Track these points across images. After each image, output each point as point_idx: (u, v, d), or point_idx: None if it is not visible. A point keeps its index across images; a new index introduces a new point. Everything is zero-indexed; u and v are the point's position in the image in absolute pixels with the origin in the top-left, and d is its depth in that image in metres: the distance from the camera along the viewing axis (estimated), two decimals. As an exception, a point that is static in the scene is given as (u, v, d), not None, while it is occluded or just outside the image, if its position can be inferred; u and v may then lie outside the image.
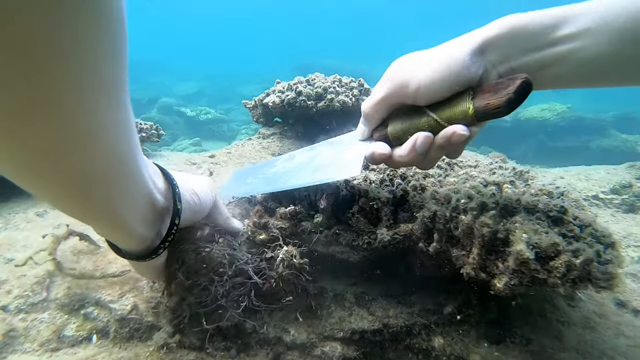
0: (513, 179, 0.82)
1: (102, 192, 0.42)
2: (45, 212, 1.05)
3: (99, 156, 0.37)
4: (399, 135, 0.60)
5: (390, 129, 0.61)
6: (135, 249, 0.54)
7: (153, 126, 1.71)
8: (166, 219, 0.55)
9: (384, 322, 0.74)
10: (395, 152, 0.60)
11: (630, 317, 0.85)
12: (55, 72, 0.28)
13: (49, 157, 0.34)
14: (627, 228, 1.41)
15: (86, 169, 0.38)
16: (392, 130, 0.60)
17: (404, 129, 0.59)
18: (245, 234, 0.75)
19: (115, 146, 0.39)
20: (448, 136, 0.53)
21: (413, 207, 0.73)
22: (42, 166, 0.35)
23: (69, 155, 0.35)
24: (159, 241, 0.55)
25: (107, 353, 0.68)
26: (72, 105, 0.31)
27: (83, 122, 0.33)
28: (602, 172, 2.01)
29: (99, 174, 0.39)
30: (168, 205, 0.55)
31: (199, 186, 0.64)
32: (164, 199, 0.54)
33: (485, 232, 0.60)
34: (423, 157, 0.57)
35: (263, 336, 0.72)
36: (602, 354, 0.72)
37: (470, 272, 0.63)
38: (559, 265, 0.56)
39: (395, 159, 0.60)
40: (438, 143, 0.55)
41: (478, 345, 0.72)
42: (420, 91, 0.54)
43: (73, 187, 0.39)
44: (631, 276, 1.03)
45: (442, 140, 0.54)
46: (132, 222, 0.49)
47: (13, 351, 0.67)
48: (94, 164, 0.38)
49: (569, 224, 0.64)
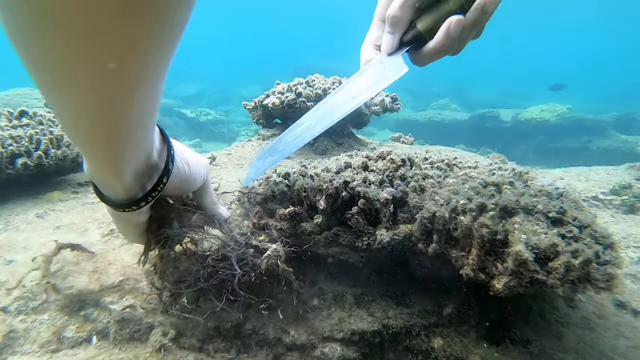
0: (512, 180, 0.82)
1: (125, 131, 0.45)
2: (46, 213, 1.05)
3: (146, 99, 0.43)
4: (431, 28, 0.59)
5: (421, 24, 0.60)
6: (118, 197, 0.56)
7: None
8: (154, 176, 0.57)
9: (383, 323, 0.74)
10: (428, 46, 0.60)
11: (630, 318, 0.85)
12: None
13: (121, 88, 0.38)
14: (627, 229, 1.41)
15: (132, 106, 0.42)
16: (424, 25, 0.59)
17: (436, 19, 0.58)
18: (238, 226, 0.75)
19: (156, 96, 0.44)
20: (482, 3, 0.54)
21: (412, 208, 0.73)
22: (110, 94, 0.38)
23: (133, 89, 0.40)
24: (141, 194, 0.56)
25: (107, 354, 0.68)
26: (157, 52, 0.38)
27: (156, 66, 0.40)
28: (602, 173, 2.01)
29: (134, 114, 0.44)
30: (159, 163, 0.57)
31: (193, 159, 0.66)
32: (157, 157, 0.56)
33: (484, 233, 0.61)
34: (457, 41, 0.58)
35: (263, 337, 0.72)
36: (602, 355, 0.72)
37: (470, 273, 0.63)
38: (558, 266, 0.56)
39: (431, 51, 0.60)
40: (472, 19, 0.55)
41: (477, 346, 0.72)
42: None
43: (109, 117, 0.42)
44: (631, 277, 1.03)
45: (477, 13, 0.55)
46: (126, 169, 0.51)
47: (13, 352, 0.67)
48: (139, 104, 0.43)
49: (568, 224, 0.64)
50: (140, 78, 0.39)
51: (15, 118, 1.26)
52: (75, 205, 1.12)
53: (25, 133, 1.17)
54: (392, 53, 0.62)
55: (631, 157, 5.29)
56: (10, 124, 1.21)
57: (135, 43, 0.34)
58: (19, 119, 1.26)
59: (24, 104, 3.09)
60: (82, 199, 1.17)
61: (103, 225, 0.96)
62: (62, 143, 1.22)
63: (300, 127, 0.71)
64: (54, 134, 1.22)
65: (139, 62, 0.37)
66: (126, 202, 0.56)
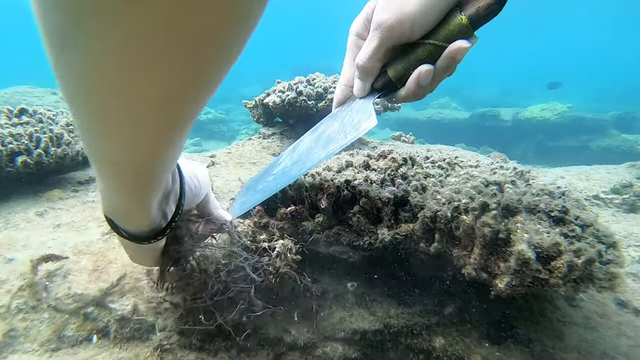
0: (514, 179, 0.82)
1: (166, 160, 0.42)
2: (45, 211, 1.05)
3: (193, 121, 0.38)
4: (401, 76, 0.59)
5: (392, 72, 0.60)
6: (142, 230, 0.53)
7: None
8: (170, 201, 0.54)
9: (384, 322, 0.74)
10: (400, 93, 0.60)
11: (632, 317, 0.85)
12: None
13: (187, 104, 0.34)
14: (628, 228, 1.41)
15: (183, 133, 0.38)
16: (394, 73, 0.60)
17: (406, 67, 0.58)
18: (239, 230, 0.75)
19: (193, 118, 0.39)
20: (452, 53, 0.53)
21: (414, 207, 0.73)
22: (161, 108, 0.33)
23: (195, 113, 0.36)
24: (164, 222, 0.54)
25: (107, 353, 0.68)
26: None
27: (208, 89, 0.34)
28: (603, 171, 2.01)
29: (180, 140, 0.40)
30: (174, 185, 0.55)
31: (199, 171, 0.64)
32: (171, 180, 0.54)
33: (486, 232, 0.60)
34: (428, 88, 0.58)
35: (264, 336, 0.72)
36: (604, 354, 0.71)
37: (472, 272, 0.63)
38: (561, 266, 0.56)
39: (404, 98, 0.61)
40: (442, 65, 0.55)
41: (479, 346, 0.72)
42: (417, 25, 0.53)
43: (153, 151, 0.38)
44: (632, 276, 1.03)
45: (447, 61, 0.54)
46: (153, 200, 0.48)
47: (13, 351, 0.67)
48: (185, 131, 0.38)
49: (571, 224, 0.64)
50: (205, 99, 0.35)
51: (15, 116, 1.26)
52: (75, 204, 1.11)
53: (25, 131, 1.16)
54: (363, 97, 0.64)
55: (632, 156, 5.28)
56: (10, 122, 1.21)
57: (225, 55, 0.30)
58: (19, 117, 1.26)
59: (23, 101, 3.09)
60: (82, 198, 1.16)
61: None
62: (62, 141, 1.22)
63: (279, 167, 0.75)
64: (54, 132, 1.22)
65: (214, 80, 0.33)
66: (151, 234, 0.54)
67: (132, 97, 0.30)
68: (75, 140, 1.27)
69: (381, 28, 0.55)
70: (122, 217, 0.52)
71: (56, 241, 0.88)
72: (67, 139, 1.23)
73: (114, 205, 0.49)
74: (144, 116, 0.32)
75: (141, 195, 0.46)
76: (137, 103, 0.30)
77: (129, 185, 0.44)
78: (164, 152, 0.39)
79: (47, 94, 3.44)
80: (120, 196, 0.47)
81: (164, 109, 0.32)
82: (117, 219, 0.53)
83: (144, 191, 0.46)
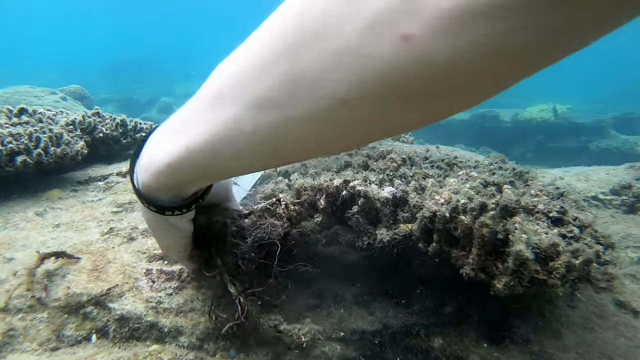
0: (513, 180, 0.82)
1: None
2: (45, 211, 1.05)
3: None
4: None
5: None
6: (179, 199, 0.52)
7: (153, 125, 1.71)
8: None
9: (383, 322, 0.74)
10: None
11: (630, 318, 0.85)
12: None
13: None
14: (627, 229, 1.41)
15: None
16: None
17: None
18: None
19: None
20: None
21: (413, 207, 0.73)
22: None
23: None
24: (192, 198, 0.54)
25: (106, 352, 0.68)
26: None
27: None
28: (602, 172, 2.01)
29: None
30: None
31: None
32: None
33: (484, 233, 0.60)
34: None
35: (262, 336, 0.72)
36: (602, 355, 0.72)
37: (470, 273, 0.63)
38: (559, 266, 0.56)
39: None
40: None
41: (477, 346, 0.72)
42: None
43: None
44: (630, 277, 1.03)
45: None
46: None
47: (12, 350, 0.67)
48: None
49: (569, 224, 0.64)
50: None
51: (14, 116, 1.26)
52: (74, 204, 1.11)
53: (24, 131, 1.16)
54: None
55: (631, 157, 5.28)
56: (9, 122, 1.21)
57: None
58: (19, 116, 1.26)
59: (23, 101, 3.09)
60: (82, 197, 1.16)
61: (102, 224, 0.96)
62: (61, 141, 1.22)
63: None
64: (54, 131, 1.22)
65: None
66: (182, 204, 0.52)
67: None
68: (75, 140, 1.27)
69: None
70: (164, 192, 0.50)
71: (55, 241, 0.88)
72: (66, 138, 1.23)
73: (165, 184, 0.47)
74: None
75: (204, 177, 0.47)
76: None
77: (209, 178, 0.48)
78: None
79: (47, 94, 3.44)
80: (183, 182, 0.47)
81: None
82: (157, 194, 0.50)
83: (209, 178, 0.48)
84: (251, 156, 0.37)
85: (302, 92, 0.29)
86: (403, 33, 0.23)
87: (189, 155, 0.39)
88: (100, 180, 1.28)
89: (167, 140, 0.43)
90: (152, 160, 0.45)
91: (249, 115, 0.32)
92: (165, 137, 0.44)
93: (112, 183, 1.24)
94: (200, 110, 0.37)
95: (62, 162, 1.21)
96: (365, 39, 0.25)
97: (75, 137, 1.30)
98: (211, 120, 0.36)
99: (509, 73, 0.25)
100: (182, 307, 0.72)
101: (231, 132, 0.34)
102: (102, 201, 1.11)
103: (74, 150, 1.24)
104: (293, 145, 0.34)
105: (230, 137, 0.35)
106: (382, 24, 0.24)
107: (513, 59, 0.24)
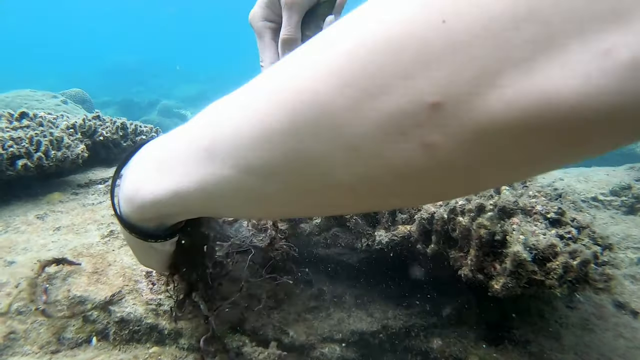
0: (511, 181, 0.82)
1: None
2: (46, 214, 1.06)
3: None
4: (318, 33, 0.67)
5: (310, 32, 0.67)
6: (162, 228, 0.50)
7: (153, 129, 1.72)
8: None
9: (382, 323, 0.74)
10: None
11: (629, 319, 0.85)
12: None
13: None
14: (626, 230, 1.41)
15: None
16: (313, 32, 0.66)
17: (318, 24, 0.67)
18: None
19: None
20: (341, 3, 0.63)
21: (411, 208, 0.73)
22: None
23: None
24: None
25: (106, 355, 0.68)
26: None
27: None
28: (602, 173, 2.01)
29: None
30: None
31: None
32: None
33: (482, 234, 0.61)
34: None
35: (262, 337, 0.72)
36: (601, 356, 0.72)
37: (468, 274, 0.64)
38: (557, 267, 0.56)
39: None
40: (337, 12, 0.64)
41: (476, 347, 0.72)
42: None
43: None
44: (630, 278, 1.03)
45: (339, 7, 0.64)
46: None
47: (13, 353, 0.68)
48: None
49: (567, 225, 0.64)
50: None
51: (15, 120, 1.27)
52: (75, 207, 1.12)
53: (25, 134, 1.17)
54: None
55: (631, 158, 5.27)
56: (10, 126, 1.22)
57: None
58: (20, 120, 1.26)
59: (24, 105, 3.10)
60: (82, 200, 1.17)
61: (103, 227, 0.96)
62: (62, 144, 1.23)
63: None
64: (54, 135, 1.22)
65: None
66: (168, 232, 0.50)
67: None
68: (75, 144, 1.28)
69: (296, 3, 0.62)
70: (149, 222, 0.47)
71: (56, 244, 0.89)
72: (67, 142, 1.24)
73: (147, 215, 0.44)
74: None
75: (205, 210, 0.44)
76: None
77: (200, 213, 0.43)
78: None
79: (48, 98, 3.45)
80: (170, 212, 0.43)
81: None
82: (140, 223, 0.47)
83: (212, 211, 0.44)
84: (246, 209, 0.36)
85: (307, 171, 0.27)
86: (426, 142, 0.22)
87: (176, 197, 0.37)
88: (101, 183, 1.28)
89: (153, 177, 0.40)
90: (136, 193, 0.42)
91: (243, 179, 0.30)
92: (150, 171, 0.41)
93: (113, 186, 1.24)
94: (191, 158, 0.35)
95: (62, 165, 1.22)
96: (383, 137, 0.23)
97: (75, 140, 1.30)
98: (202, 174, 0.33)
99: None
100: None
101: (224, 190, 0.33)
102: (102, 204, 1.12)
103: (74, 153, 1.24)
104: (289, 209, 0.33)
105: (221, 192, 0.33)
106: (405, 128, 0.22)
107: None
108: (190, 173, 0.35)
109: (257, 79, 0.30)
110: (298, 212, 0.35)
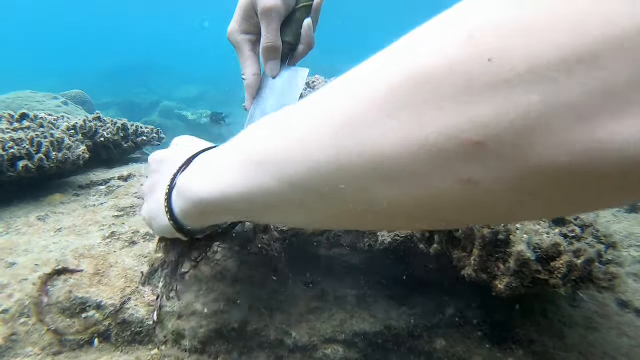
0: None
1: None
2: (47, 215, 1.06)
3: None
4: (297, 36, 0.70)
5: (291, 37, 0.69)
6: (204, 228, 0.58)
7: (154, 130, 1.72)
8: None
9: (385, 324, 0.74)
10: (298, 50, 0.71)
11: (633, 317, 0.85)
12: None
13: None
14: (629, 228, 1.41)
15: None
16: (293, 37, 0.69)
17: (296, 28, 0.69)
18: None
19: None
20: (317, 5, 0.69)
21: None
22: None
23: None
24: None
25: (108, 356, 0.68)
26: None
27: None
28: (603, 172, 2.01)
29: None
30: None
31: None
32: None
33: (485, 233, 0.60)
34: (313, 35, 0.71)
35: (264, 338, 0.72)
36: (605, 354, 0.71)
37: (471, 274, 0.63)
38: (560, 266, 0.56)
39: (301, 53, 0.72)
40: (315, 16, 0.70)
41: (480, 347, 0.72)
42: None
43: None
44: (633, 276, 1.03)
45: (315, 12, 0.70)
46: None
47: (15, 355, 0.67)
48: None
49: (570, 224, 0.64)
50: None
51: (16, 121, 1.27)
52: (76, 208, 1.12)
53: (26, 135, 1.17)
54: (277, 72, 0.71)
55: (632, 155, 5.26)
56: (11, 127, 1.21)
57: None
58: (20, 121, 1.26)
59: (25, 106, 3.10)
60: (83, 201, 1.17)
61: (104, 228, 0.96)
62: (62, 145, 1.23)
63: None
64: (55, 136, 1.22)
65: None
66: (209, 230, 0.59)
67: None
68: (76, 145, 1.27)
69: (273, 10, 0.64)
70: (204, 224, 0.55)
71: (57, 245, 0.89)
72: (67, 143, 1.24)
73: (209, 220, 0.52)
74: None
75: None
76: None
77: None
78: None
79: (48, 99, 3.45)
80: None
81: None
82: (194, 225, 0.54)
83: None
84: (291, 219, 0.41)
85: (350, 198, 0.28)
86: (465, 177, 0.22)
87: (224, 198, 0.41)
88: (102, 184, 1.28)
89: (204, 176, 0.46)
90: (189, 187, 0.48)
91: (286, 190, 0.32)
92: (203, 171, 0.48)
93: (114, 187, 1.24)
94: (244, 166, 0.38)
95: (63, 166, 1.22)
96: (422, 168, 0.23)
97: (76, 141, 1.30)
98: (251, 181, 0.36)
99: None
100: (183, 311, 0.72)
101: (268, 197, 0.35)
102: (103, 205, 1.12)
103: (75, 154, 1.24)
104: (325, 223, 0.39)
105: (266, 200, 0.36)
106: (443, 163, 0.22)
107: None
108: (238, 179, 0.38)
109: (308, 102, 0.32)
110: (331, 226, 0.40)
